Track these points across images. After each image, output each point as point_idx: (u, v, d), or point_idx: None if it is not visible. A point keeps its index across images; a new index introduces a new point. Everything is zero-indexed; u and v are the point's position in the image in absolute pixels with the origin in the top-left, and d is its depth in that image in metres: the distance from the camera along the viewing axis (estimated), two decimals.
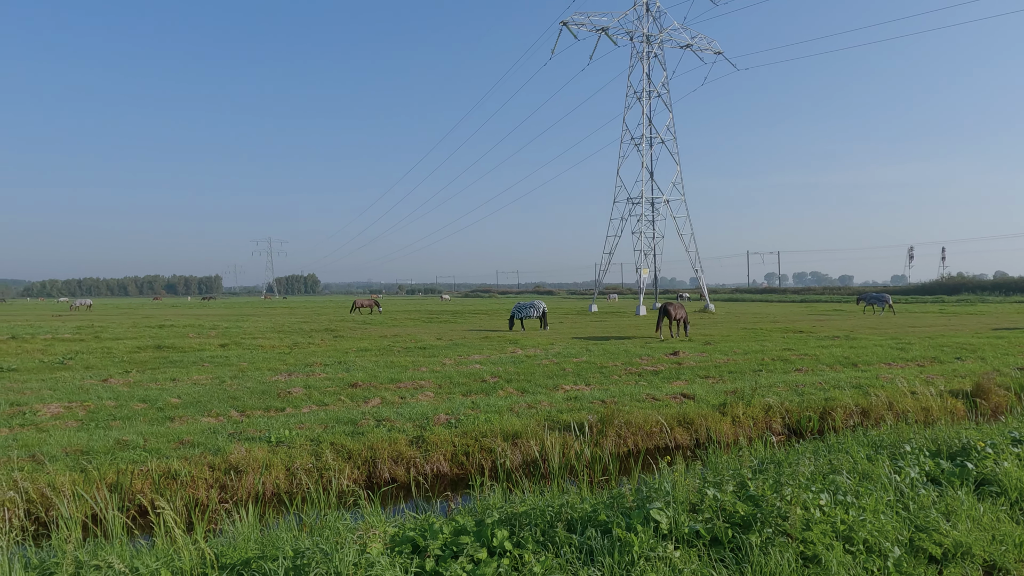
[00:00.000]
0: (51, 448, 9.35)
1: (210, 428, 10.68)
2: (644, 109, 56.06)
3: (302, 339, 27.60)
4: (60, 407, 12.44)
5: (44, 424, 11.14)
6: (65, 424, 11.16)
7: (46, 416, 11.75)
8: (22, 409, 12.23)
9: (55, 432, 10.46)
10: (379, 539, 4.55)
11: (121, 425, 11.04)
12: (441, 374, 16.48)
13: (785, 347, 22.27)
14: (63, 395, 13.71)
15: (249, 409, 12.31)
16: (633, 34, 55.98)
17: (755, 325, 34.76)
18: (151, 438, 9.95)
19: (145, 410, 12.23)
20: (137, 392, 14.02)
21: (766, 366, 17.80)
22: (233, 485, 8.52)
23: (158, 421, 11.36)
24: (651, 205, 57.83)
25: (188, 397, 13.43)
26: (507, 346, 23.72)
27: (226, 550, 4.34)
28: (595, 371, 16.98)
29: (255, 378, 16.01)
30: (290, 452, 9.29)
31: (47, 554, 4.61)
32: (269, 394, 13.75)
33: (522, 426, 10.63)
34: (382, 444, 9.76)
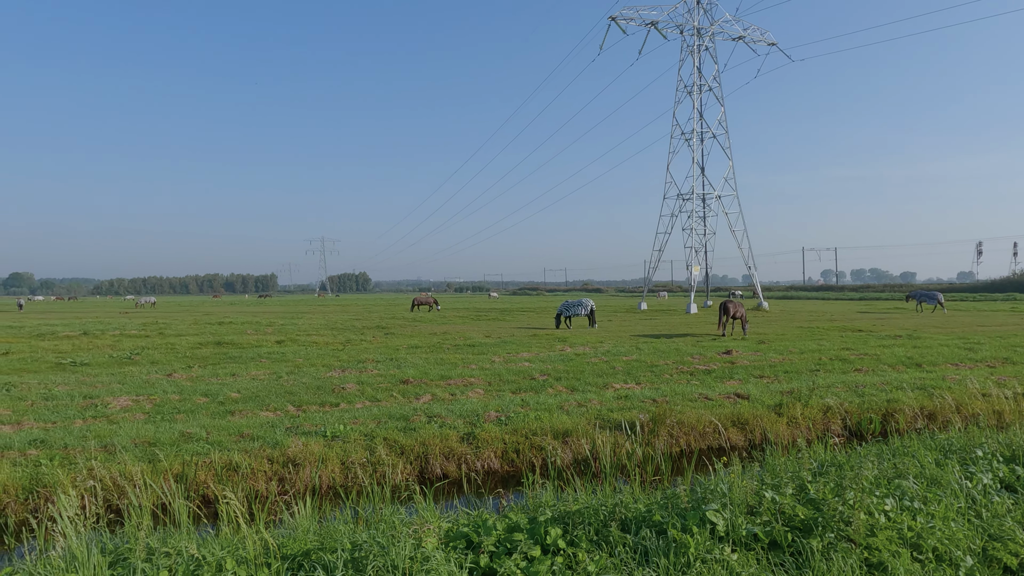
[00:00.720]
0: (121, 439, 9.80)
1: (268, 422, 11.01)
2: (695, 103, 55.07)
3: (354, 336, 28.17)
4: (129, 400, 13.03)
5: (114, 416, 11.68)
6: (133, 416, 11.67)
7: (116, 408, 12.32)
8: (94, 402, 12.86)
9: (124, 424, 10.96)
10: (433, 534, 4.60)
11: (185, 418, 11.48)
12: (490, 371, 16.56)
13: (843, 346, 21.56)
14: (131, 389, 14.35)
15: (305, 404, 12.64)
16: (683, 27, 55.04)
17: (811, 323, 33.76)
18: (213, 431, 10.32)
19: (207, 404, 12.69)
20: (199, 386, 14.56)
21: (823, 366, 17.27)
22: (291, 478, 8.77)
23: (219, 415, 11.77)
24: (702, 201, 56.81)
25: (247, 392, 13.87)
26: (556, 344, 23.68)
27: (287, 541, 4.47)
28: (645, 369, 16.79)
29: (310, 374, 16.42)
30: (345, 447, 9.50)
31: (120, 540, 4.83)
32: (324, 390, 14.09)
33: (572, 424, 10.60)
34: (434, 440, 9.88)
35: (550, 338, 26.33)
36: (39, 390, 14.21)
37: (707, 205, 56.93)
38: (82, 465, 8.42)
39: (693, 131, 55.08)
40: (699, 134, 55.43)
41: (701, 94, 55.44)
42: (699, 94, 55.26)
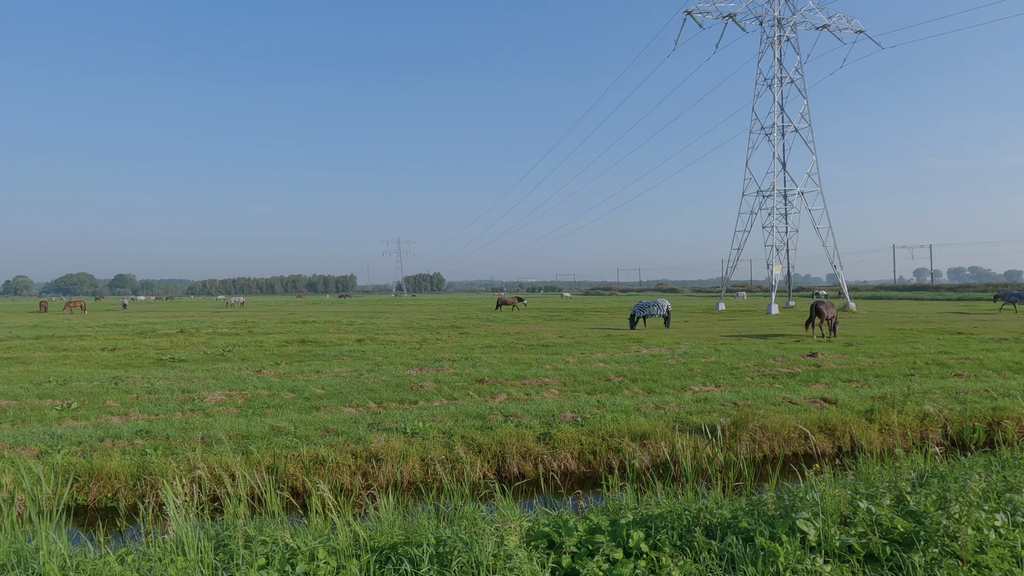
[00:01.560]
0: (217, 432, 10.38)
1: (351, 418, 11.39)
2: (775, 97, 53.10)
3: (430, 335, 28.73)
4: (222, 395, 13.77)
5: (210, 410, 12.38)
6: (227, 410, 12.33)
7: (211, 402, 13.05)
8: (192, 396, 13.67)
9: (219, 417, 11.60)
10: (515, 532, 4.64)
11: (274, 413, 12.04)
12: (565, 372, 16.53)
13: (941, 350, 20.25)
14: (224, 384, 15.16)
15: (385, 401, 13.00)
16: (763, 18, 53.19)
17: (903, 325, 31.90)
18: (300, 426, 10.77)
19: (294, 399, 13.26)
20: (286, 383, 15.23)
21: (919, 370, 16.29)
22: (373, 472, 9.04)
23: (305, 410, 12.27)
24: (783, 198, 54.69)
25: (331, 388, 14.40)
26: (630, 345, 23.38)
27: (374, 534, 4.62)
28: (725, 372, 16.33)
29: (389, 372, 16.87)
30: (424, 443, 9.71)
31: (221, 527, 5.13)
32: (403, 387, 14.44)
33: (650, 427, 10.45)
34: (510, 439, 9.95)
35: (624, 339, 26.02)
36: (143, 384, 15.24)
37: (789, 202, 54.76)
38: (183, 455, 8.98)
39: (773, 125, 53.14)
40: (780, 128, 53.41)
41: (782, 87, 53.42)
42: (780, 87, 53.26)
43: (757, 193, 54.77)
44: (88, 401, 13.12)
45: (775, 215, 53.70)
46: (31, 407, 12.55)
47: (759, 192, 54.62)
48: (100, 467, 8.66)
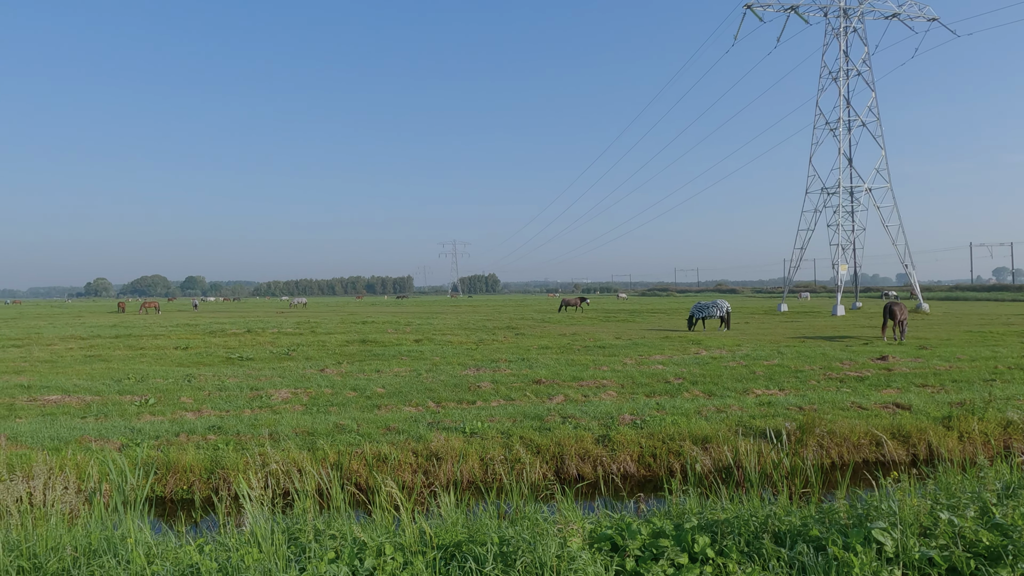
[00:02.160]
0: (284, 428, 10.74)
1: (412, 417, 11.59)
2: (841, 90, 51.17)
3: (486, 336, 28.93)
4: (288, 392, 14.23)
5: (277, 407, 12.81)
6: (293, 408, 12.73)
7: (278, 400, 13.50)
8: (259, 393, 14.17)
9: (286, 414, 11.99)
10: (578, 534, 4.62)
11: (337, 411, 12.36)
12: (623, 373, 16.38)
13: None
14: (290, 382, 15.66)
15: (444, 401, 13.17)
16: (827, 9, 51.33)
17: (982, 328, 30.23)
18: (363, 424, 11.02)
19: (356, 398, 13.58)
20: (348, 381, 15.61)
21: (1000, 375, 15.41)
22: (434, 471, 9.17)
23: (367, 408, 12.55)
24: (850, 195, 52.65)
25: (391, 387, 14.68)
26: (689, 346, 22.96)
27: (439, 531, 4.69)
28: (789, 375, 15.85)
29: (447, 372, 17.08)
30: (483, 443, 9.79)
31: (291, 521, 5.30)
32: (460, 387, 14.60)
33: (712, 430, 10.24)
34: (569, 441, 9.93)
35: (683, 340, 25.58)
36: (213, 381, 15.89)
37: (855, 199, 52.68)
38: (253, 450, 9.33)
39: (839, 120, 51.20)
40: (846, 123, 51.43)
41: (848, 79, 51.42)
42: (846, 80, 51.30)
43: (822, 190, 52.91)
44: (164, 397, 13.77)
45: (841, 213, 51.73)
46: (113, 402, 13.26)
47: (824, 189, 52.74)
48: (176, 460, 9.08)
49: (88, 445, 9.69)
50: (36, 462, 7.39)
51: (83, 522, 5.26)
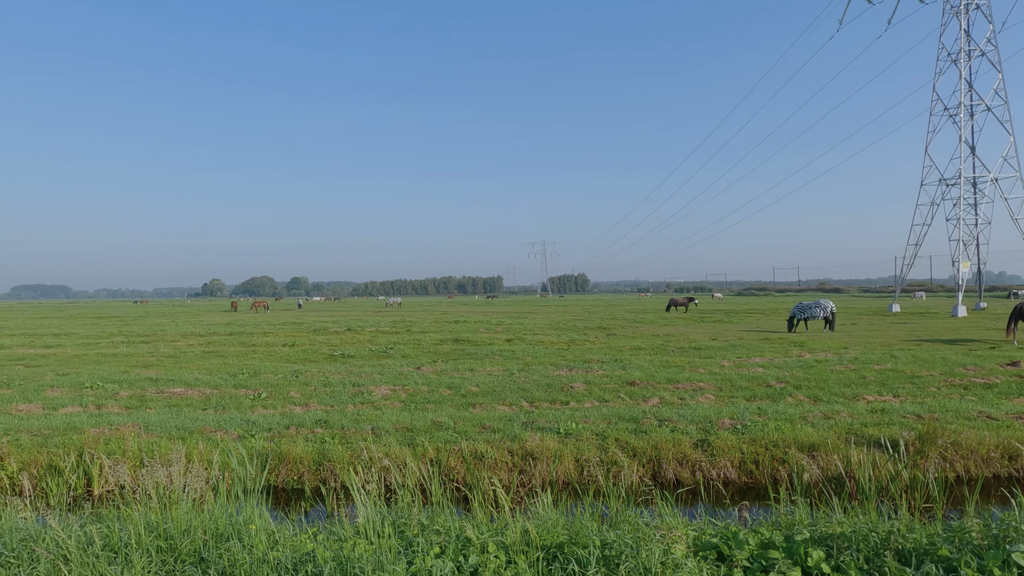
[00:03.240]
0: (384, 423, 11.13)
1: (506, 416, 11.71)
2: (962, 72, 47.26)
3: (577, 336, 28.82)
4: (387, 389, 14.74)
5: (377, 403, 13.30)
6: (392, 404, 13.17)
7: (378, 396, 14.01)
8: (361, 390, 14.76)
9: (386, 410, 12.43)
10: (681, 541, 4.52)
11: (434, 408, 12.68)
12: (720, 376, 15.86)
13: None
14: (388, 379, 16.22)
15: (537, 400, 13.22)
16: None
17: None
18: (459, 421, 11.25)
19: (451, 396, 13.88)
20: (444, 379, 15.98)
21: None
22: (529, 470, 9.23)
23: (462, 406, 12.80)
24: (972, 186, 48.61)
25: (484, 386, 14.91)
26: (791, 349, 21.92)
27: (540, 531, 4.71)
28: (904, 381, 14.81)
29: (539, 372, 17.14)
30: (578, 444, 9.75)
31: (396, 515, 5.49)
32: (553, 388, 14.61)
33: (819, 438, 9.73)
34: (666, 444, 9.72)
35: (784, 342, 24.45)
36: (319, 377, 16.70)
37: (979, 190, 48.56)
38: (357, 444, 9.73)
39: (959, 105, 47.32)
40: (967, 108, 47.46)
41: (970, 61, 47.42)
42: (967, 61, 47.33)
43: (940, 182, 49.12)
44: (274, 392, 14.61)
45: (962, 206, 47.77)
46: (229, 396, 14.21)
47: (942, 181, 48.94)
48: (288, 452, 9.61)
49: (209, 435, 10.43)
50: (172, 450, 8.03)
51: (209, 507, 5.67)
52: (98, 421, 11.57)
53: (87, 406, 13.21)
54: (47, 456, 9.50)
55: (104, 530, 4.86)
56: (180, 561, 4.59)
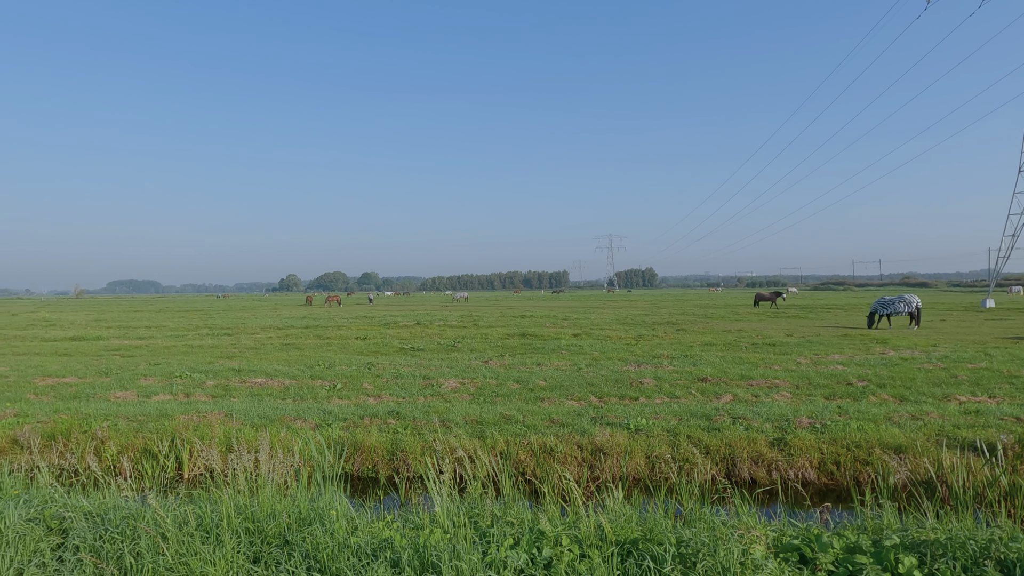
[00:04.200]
0: (454, 416, 11.30)
1: (574, 410, 11.67)
2: None
3: (646, 331, 28.40)
4: (456, 382, 14.95)
5: (447, 395, 13.51)
6: (461, 397, 13.35)
7: (447, 389, 14.23)
8: (431, 382, 15.03)
9: (455, 403, 12.61)
10: (760, 542, 4.39)
11: (502, 401, 12.77)
12: (797, 373, 15.29)
13: None
14: (457, 372, 16.44)
15: (606, 396, 13.12)
16: None
17: None
18: (527, 415, 11.29)
19: (519, 390, 13.94)
20: (511, 373, 16.07)
21: None
22: (599, 465, 9.17)
23: (530, 400, 12.84)
24: None
25: (552, 381, 14.90)
26: (873, 346, 20.90)
27: (614, 527, 4.67)
28: (1001, 381, 13.87)
29: (607, 367, 16.99)
30: (649, 440, 9.62)
31: (470, 505, 5.57)
32: (622, 383, 14.46)
33: (906, 439, 9.24)
34: (740, 442, 9.46)
35: (865, 339, 23.34)
36: (390, 370, 17.11)
37: None
38: (428, 435, 9.92)
39: None
40: None
41: None
42: None
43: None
44: (348, 383, 15.07)
45: None
46: (306, 386, 14.75)
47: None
48: (362, 441, 9.90)
49: (289, 424, 10.86)
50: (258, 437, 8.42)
51: (291, 492, 5.91)
52: (187, 408, 12.24)
53: (177, 394, 14.00)
54: (142, 440, 10.13)
55: (197, 511, 5.14)
56: (266, 543, 4.81)
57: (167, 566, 4.49)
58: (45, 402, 13.19)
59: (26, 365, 19.00)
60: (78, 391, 14.42)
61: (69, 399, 13.57)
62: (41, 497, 5.99)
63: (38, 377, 16.50)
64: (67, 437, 10.37)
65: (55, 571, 4.68)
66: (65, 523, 5.29)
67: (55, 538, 5.09)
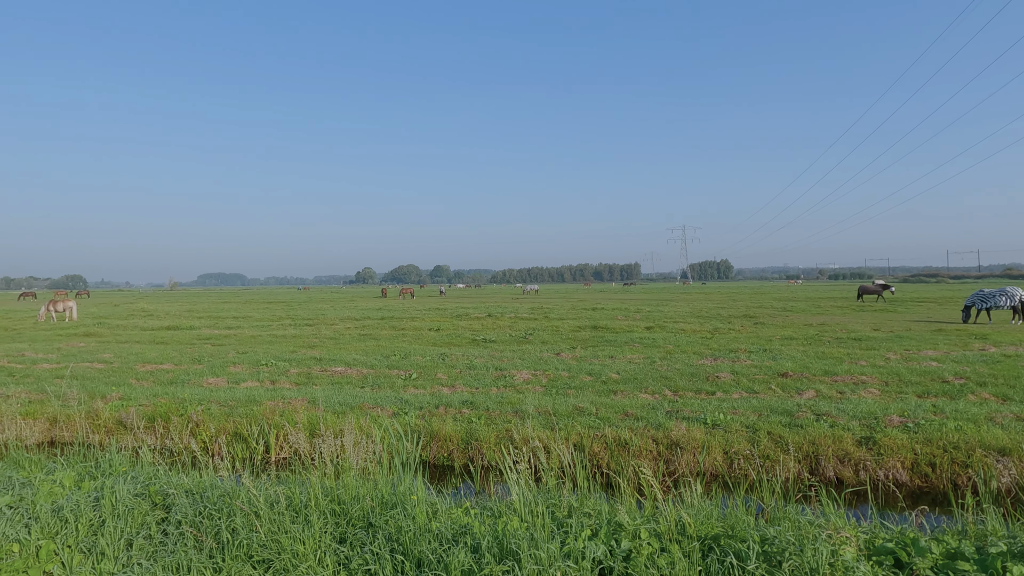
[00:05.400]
0: (527, 407, 11.34)
1: (648, 404, 11.51)
2: None
3: (721, 325, 27.65)
4: (528, 374, 15.01)
5: (519, 387, 13.59)
6: (533, 388, 13.40)
7: (519, 380, 14.32)
8: (503, 373, 15.16)
9: (528, 394, 12.67)
10: (851, 543, 4.21)
11: (575, 393, 12.74)
12: (885, 370, 14.53)
13: None
14: (529, 364, 16.51)
15: (681, 390, 12.87)
16: None
17: None
18: (600, 408, 11.22)
19: (591, 382, 13.87)
20: (584, 366, 16.00)
21: None
22: (675, 460, 9.02)
23: (603, 393, 12.75)
24: None
25: (625, 373, 14.74)
26: (971, 341, 19.59)
27: (694, 522, 4.59)
28: None
29: (682, 360, 16.66)
30: (727, 436, 9.38)
31: (546, 496, 5.60)
32: (697, 377, 14.14)
33: (1011, 441, 8.63)
34: (825, 440, 9.09)
35: (961, 334, 21.91)
36: (463, 360, 17.36)
37: None
38: (502, 426, 10.02)
39: None
40: None
41: None
42: None
43: None
44: (423, 373, 15.39)
45: None
46: (383, 376, 15.17)
47: None
48: (438, 430, 10.10)
49: (368, 412, 11.21)
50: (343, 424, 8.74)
51: (373, 477, 6.10)
52: (273, 395, 12.82)
53: (263, 381, 14.69)
54: (233, 424, 10.70)
55: (287, 491, 5.39)
56: (351, 524, 4.99)
57: (260, 543, 4.73)
58: (145, 387, 14.12)
59: (128, 352, 20.39)
60: (174, 377, 15.36)
61: (166, 384, 14.48)
62: (146, 474, 6.43)
63: (139, 363, 17.68)
64: (166, 420, 11.07)
65: (160, 543, 5.02)
66: (168, 499, 5.66)
67: (160, 512, 5.46)
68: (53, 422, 11.68)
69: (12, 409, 11.90)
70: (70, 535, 5.10)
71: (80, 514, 5.29)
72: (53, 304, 37.52)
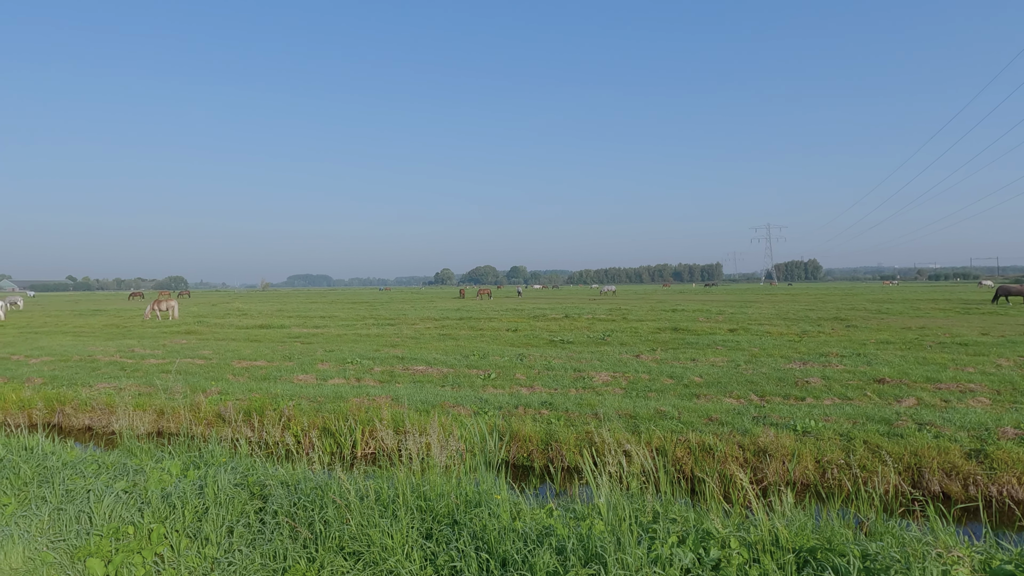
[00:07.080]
0: (607, 409, 11.23)
1: (733, 409, 11.15)
2: None
3: (810, 327, 26.44)
4: (607, 375, 14.85)
5: (599, 388, 13.47)
6: (613, 391, 13.24)
7: (598, 382, 14.19)
8: (582, 375, 15.07)
9: (607, 396, 12.54)
10: (963, 563, 3.92)
11: (656, 396, 12.50)
12: (997, 377, 13.47)
13: None
14: (608, 366, 16.34)
15: (768, 395, 12.39)
16: None
17: None
18: (683, 412, 10.96)
19: (673, 385, 13.57)
20: (664, 368, 15.68)
21: None
22: (762, 467, 8.69)
23: (686, 396, 12.45)
24: None
25: (708, 377, 14.34)
26: None
27: (788, 533, 4.40)
28: None
29: (768, 364, 16.05)
30: (818, 444, 8.95)
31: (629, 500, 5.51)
32: (785, 381, 13.58)
33: None
34: (928, 451, 8.52)
35: None
36: (541, 361, 17.38)
37: None
38: (582, 427, 9.96)
39: None
40: None
41: None
42: None
43: None
44: (502, 373, 15.51)
45: None
46: (463, 375, 15.40)
47: None
48: (518, 430, 10.15)
49: (448, 410, 11.40)
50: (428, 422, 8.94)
51: (455, 475, 6.20)
52: (358, 392, 13.26)
53: (349, 379, 15.22)
54: (322, 419, 11.14)
55: (376, 486, 5.56)
56: (437, 521, 5.09)
57: (351, 535, 4.89)
58: (241, 382, 14.91)
59: (225, 350, 21.61)
60: (267, 373, 16.15)
61: (260, 380, 15.24)
62: (244, 465, 6.79)
63: (235, 360, 18.70)
64: (260, 414, 11.66)
65: (258, 531, 5.28)
66: (265, 489, 5.96)
67: (257, 502, 5.75)
68: (160, 413, 12.53)
69: (125, 401, 12.86)
70: (178, 520, 5.45)
71: (186, 501, 5.64)
72: (157, 304, 40.31)
